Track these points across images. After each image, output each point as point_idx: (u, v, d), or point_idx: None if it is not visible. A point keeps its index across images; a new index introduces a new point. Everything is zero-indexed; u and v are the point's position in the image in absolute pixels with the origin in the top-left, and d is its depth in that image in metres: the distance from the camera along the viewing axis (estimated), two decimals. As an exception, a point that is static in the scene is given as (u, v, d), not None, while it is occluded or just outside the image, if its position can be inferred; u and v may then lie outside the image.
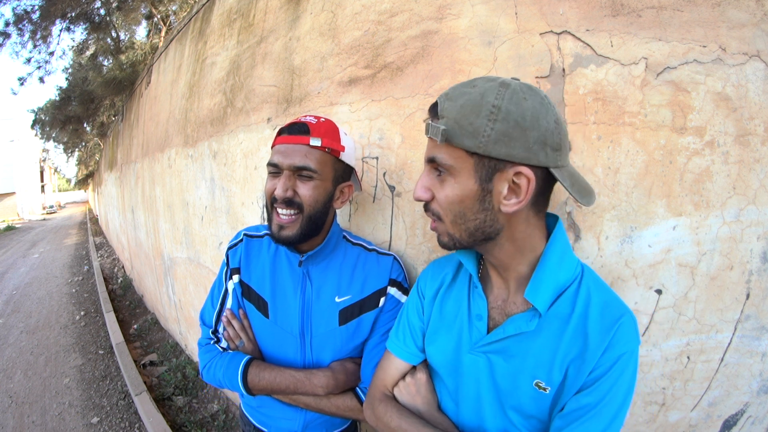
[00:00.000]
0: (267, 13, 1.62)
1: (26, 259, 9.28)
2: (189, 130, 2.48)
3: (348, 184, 0.88)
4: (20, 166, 30.30)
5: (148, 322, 4.30)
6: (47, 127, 11.30)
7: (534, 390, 0.61)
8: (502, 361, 0.63)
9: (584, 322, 0.58)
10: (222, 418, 2.54)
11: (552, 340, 0.60)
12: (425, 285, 0.79)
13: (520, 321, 0.61)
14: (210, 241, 2.23)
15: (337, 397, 0.87)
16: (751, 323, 0.73)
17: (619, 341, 0.56)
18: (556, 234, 0.62)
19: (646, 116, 0.72)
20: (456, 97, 0.55)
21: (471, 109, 0.53)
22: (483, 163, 0.55)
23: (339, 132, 0.85)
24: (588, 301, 0.59)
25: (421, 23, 0.98)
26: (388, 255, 0.94)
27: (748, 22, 0.68)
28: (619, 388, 0.55)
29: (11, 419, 2.72)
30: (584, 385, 0.57)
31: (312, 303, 0.89)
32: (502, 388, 0.64)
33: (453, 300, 0.73)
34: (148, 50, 6.78)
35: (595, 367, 0.56)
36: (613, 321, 0.57)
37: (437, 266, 0.80)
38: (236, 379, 0.85)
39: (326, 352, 0.90)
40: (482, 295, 0.67)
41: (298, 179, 0.80)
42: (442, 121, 0.55)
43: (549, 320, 0.60)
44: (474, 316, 0.68)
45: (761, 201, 0.70)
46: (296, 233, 0.80)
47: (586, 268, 0.64)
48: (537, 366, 0.60)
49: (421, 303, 0.78)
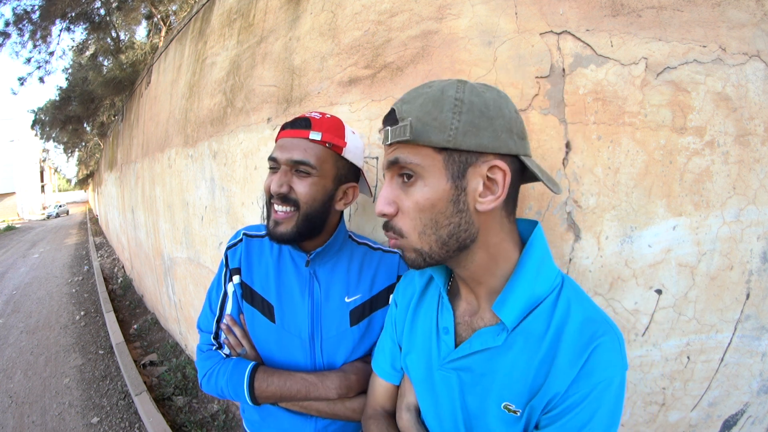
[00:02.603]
0: (267, 13, 1.62)
1: (26, 259, 9.28)
2: (189, 130, 2.48)
3: (352, 185, 0.84)
4: (20, 166, 30.31)
5: (148, 322, 4.30)
6: (47, 127, 11.31)
7: (503, 413, 0.55)
8: (471, 379, 0.58)
9: (558, 339, 0.52)
10: (222, 418, 2.54)
11: (523, 360, 0.54)
12: (398, 296, 0.77)
13: (486, 335, 0.57)
14: (210, 241, 2.23)
15: (352, 400, 0.83)
16: (751, 323, 0.73)
17: (595, 366, 0.49)
18: (534, 240, 0.57)
19: (646, 116, 0.72)
20: (413, 98, 0.53)
21: (433, 105, 0.51)
22: (453, 158, 0.51)
23: (344, 129, 0.81)
24: (566, 317, 0.53)
25: (421, 23, 0.98)
26: (394, 252, 0.92)
27: (748, 22, 0.68)
28: (596, 422, 0.48)
29: (11, 419, 2.72)
30: (554, 416, 0.50)
31: (321, 304, 0.86)
32: (471, 410, 0.59)
33: (423, 313, 0.70)
34: (148, 50, 6.78)
35: (566, 396, 0.49)
36: (589, 341, 0.50)
37: (409, 277, 0.77)
38: (241, 386, 0.80)
39: (338, 355, 0.86)
40: (449, 306, 0.63)
41: (295, 175, 0.76)
42: (402, 123, 0.52)
43: (520, 337, 0.55)
44: (441, 329, 0.63)
45: (761, 201, 0.70)
46: (291, 231, 0.77)
47: (567, 279, 0.58)
48: (505, 386, 0.55)
49: (395, 314, 0.76)
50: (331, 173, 0.79)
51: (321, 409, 0.83)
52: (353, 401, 0.83)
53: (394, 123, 0.54)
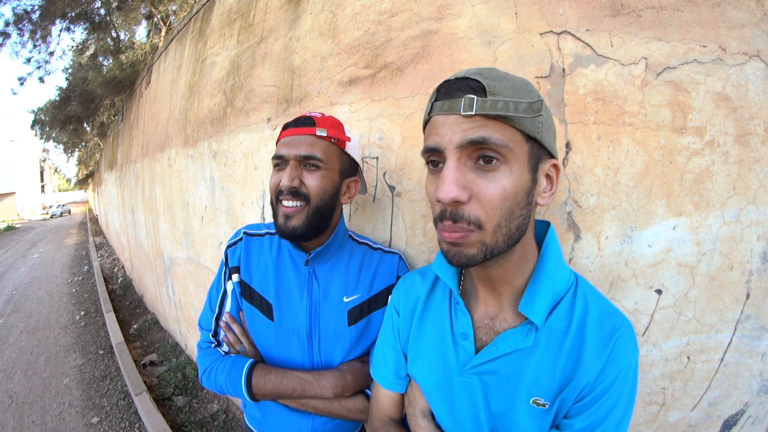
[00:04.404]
0: (267, 13, 1.62)
1: (26, 259, 9.28)
2: (189, 130, 2.48)
3: (354, 179, 0.88)
4: (20, 166, 30.33)
5: (148, 322, 4.30)
6: (47, 127, 11.31)
7: (531, 408, 0.56)
8: (496, 382, 0.58)
9: (582, 333, 0.54)
10: (222, 418, 2.54)
11: (549, 356, 0.55)
12: (399, 302, 0.74)
13: (514, 337, 0.56)
14: (210, 241, 2.23)
15: (348, 399, 0.84)
16: (751, 323, 0.73)
17: (618, 355, 0.52)
18: (549, 240, 0.58)
19: (646, 116, 0.72)
20: (498, 78, 0.48)
21: (525, 92, 0.48)
22: (534, 150, 0.50)
23: (343, 126, 0.85)
24: (585, 312, 0.55)
25: (421, 23, 0.98)
26: (394, 253, 0.93)
27: (748, 22, 0.68)
28: (620, 404, 0.52)
29: (11, 419, 2.72)
30: (585, 404, 0.53)
31: (320, 303, 0.87)
32: (495, 411, 0.59)
33: (432, 318, 0.67)
34: (148, 50, 6.78)
35: (594, 385, 0.52)
36: (611, 333, 0.53)
37: (409, 282, 0.74)
38: (239, 383, 0.82)
39: (336, 354, 0.87)
40: (465, 312, 0.61)
41: (304, 169, 0.79)
42: (499, 97, 0.46)
43: (543, 334, 0.56)
44: (459, 335, 0.61)
45: (761, 201, 0.70)
46: (303, 224, 0.78)
47: (579, 276, 0.61)
48: (534, 383, 0.55)
49: (397, 321, 0.73)
50: (337, 167, 0.82)
51: (318, 407, 0.85)
52: (349, 401, 0.84)
53: (475, 94, 0.47)
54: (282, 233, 0.80)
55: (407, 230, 1.05)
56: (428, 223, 1.00)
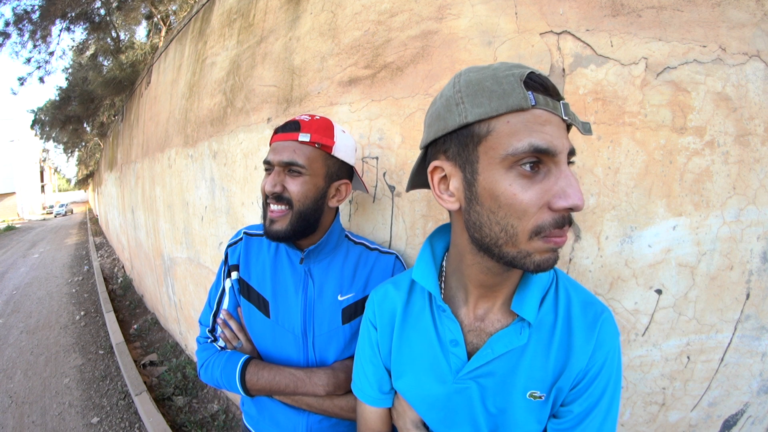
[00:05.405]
0: (267, 13, 1.62)
1: (26, 259, 9.29)
2: (189, 130, 2.48)
3: (344, 182, 0.87)
4: (20, 166, 30.35)
5: (148, 322, 4.30)
6: (47, 127, 11.30)
7: (528, 401, 0.57)
8: (493, 383, 0.58)
9: (569, 324, 0.57)
10: (222, 418, 2.54)
11: (542, 350, 0.57)
12: (374, 316, 0.71)
13: (509, 337, 0.56)
14: (210, 241, 2.23)
15: (340, 397, 0.85)
16: (751, 323, 0.73)
17: (604, 339, 0.56)
18: None
19: (646, 116, 0.72)
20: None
21: None
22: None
23: (333, 129, 0.84)
24: (569, 303, 0.58)
25: (421, 23, 0.98)
26: (390, 254, 0.94)
27: (748, 22, 0.68)
28: (611, 383, 0.56)
29: (11, 419, 2.72)
30: (580, 389, 0.56)
31: (314, 302, 0.89)
32: (493, 411, 0.59)
33: (413, 329, 0.65)
34: (148, 50, 6.78)
35: (587, 369, 0.55)
36: (595, 319, 0.56)
37: (382, 294, 0.72)
38: (234, 378, 0.84)
39: (330, 352, 0.89)
40: (453, 318, 0.60)
41: (287, 175, 0.81)
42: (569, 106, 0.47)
43: (534, 329, 0.57)
44: (447, 342, 0.60)
45: (761, 201, 0.70)
46: (286, 228, 0.81)
47: (557, 269, 0.63)
48: (529, 378, 0.57)
49: (375, 336, 0.70)
50: (322, 172, 0.82)
51: (311, 404, 0.86)
52: (341, 399, 0.85)
53: (556, 98, 0.46)
54: (267, 235, 0.83)
55: (407, 230, 1.05)
56: (428, 223, 1.00)
